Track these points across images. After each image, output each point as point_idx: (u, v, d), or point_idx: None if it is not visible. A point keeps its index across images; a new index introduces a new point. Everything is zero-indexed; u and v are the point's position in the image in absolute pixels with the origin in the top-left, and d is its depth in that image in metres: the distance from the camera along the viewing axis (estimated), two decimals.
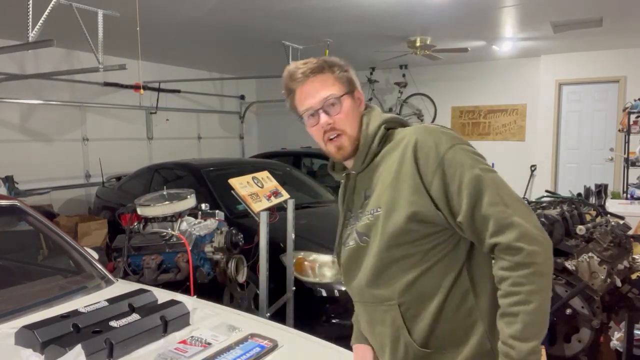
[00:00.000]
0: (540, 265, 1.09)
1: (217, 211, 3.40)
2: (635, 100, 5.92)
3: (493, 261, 1.18)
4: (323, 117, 1.29)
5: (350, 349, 1.62)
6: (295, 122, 1.37)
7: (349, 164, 1.37)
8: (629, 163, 5.93)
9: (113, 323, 1.64)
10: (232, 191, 2.89)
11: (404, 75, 8.64)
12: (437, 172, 1.17)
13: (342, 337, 1.54)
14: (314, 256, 3.54)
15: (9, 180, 5.69)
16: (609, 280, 2.49)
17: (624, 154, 6.12)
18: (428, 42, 6.24)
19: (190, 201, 3.25)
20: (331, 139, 1.31)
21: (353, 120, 1.32)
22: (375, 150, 1.31)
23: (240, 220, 3.86)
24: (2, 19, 5.07)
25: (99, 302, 1.81)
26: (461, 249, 1.21)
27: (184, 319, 1.81)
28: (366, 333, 1.39)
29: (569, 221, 2.79)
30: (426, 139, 1.21)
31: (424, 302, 1.21)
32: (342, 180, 1.45)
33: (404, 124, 1.35)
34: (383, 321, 1.28)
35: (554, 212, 2.78)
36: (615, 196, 5.70)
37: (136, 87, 7.11)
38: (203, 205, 3.41)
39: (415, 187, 1.19)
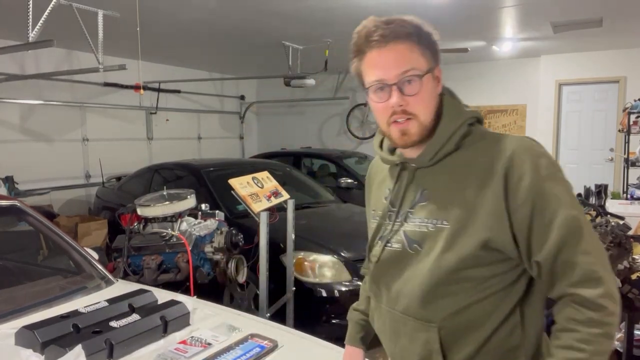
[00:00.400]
0: (612, 327, 0.99)
1: (217, 211, 3.40)
2: (635, 100, 5.92)
3: (559, 306, 1.04)
4: (395, 96, 1.07)
5: None
6: (295, 122, 1.31)
7: (408, 151, 1.17)
8: (629, 163, 5.93)
9: (113, 323, 1.64)
10: (232, 191, 2.89)
11: None
12: (528, 200, 1.02)
13: (342, 338, 1.54)
14: (314, 256, 3.54)
15: (9, 181, 5.69)
16: None
17: (624, 154, 6.12)
18: None
19: (190, 201, 3.25)
20: (397, 122, 1.11)
21: (429, 104, 1.11)
22: (450, 149, 1.12)
23: (240, 220, 3.86)
24: (2, 19, 5.07)
25: (99, 303, 1.81)
26: (520, 284, 1.10)
27: (184, 319, 1.81)
28: (385, 339, 1.28)
29: None
30: (524, 158, 1.04)
31: (469, 331, 1.10)
32: (388, 165, 1.26)
33: (480, 120, 1.17)
34: (413, 338, 1.15)
35: None
36: (615, 196, 5.70)
37: (136, 87, 7.11)
38: (203, 206, 3.41)
39: (497, 210, 1.04)
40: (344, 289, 3.41)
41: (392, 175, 1.24)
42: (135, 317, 1.70)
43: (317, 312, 3.46)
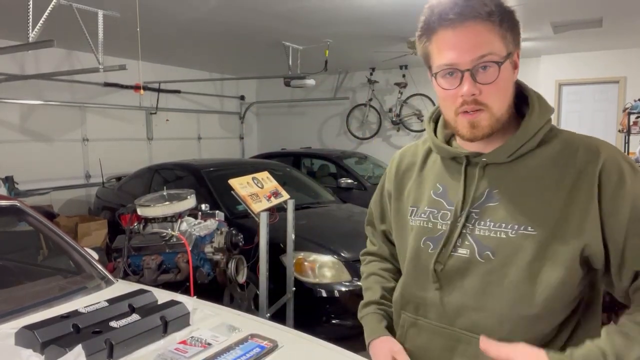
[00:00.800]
0: None
1: (217, 211, 3.40)
2: (635, 101, 5.92)
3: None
4: (467, 84, 0.95)
5: (351, 349, 1.62)
6: (295, 122, 1.23)
7: (472, 145, 1.05)
8: None
9: (113, 323, 1.64)
10: (232, 191, 2.89)
11: (404, 76, 8.64)
12: (627, 205, 0.94)
13: (342, 337, 1.53)
14: (314, 256, 3.54)
15: (9, 181, 5.69)
16: None
17: None
18: None
19: (190, 201, 3.25)
20: (466, 112, 0.98)
21: (504, 94, 0.99)
22: (532, 146, 1.00)
23: (240, 220, 3.86)
24: (2, 19, 5.07)
25: (99, 303, 1.81)
26: (587, 295, 1.05)
27: (184, 320, 1.81)
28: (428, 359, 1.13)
29: None
30: (618, 161, 0.97)
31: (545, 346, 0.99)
32: (442, 156, 1.12)
33: None
34: (478, 359, 1.01)
35: None
36: None
37: (136, 88, 7.12)
38: (203, 206, 3.41)
39: (591, 215, 0.94)
40: (344, 289, 3.41)
41: (450, 169, 1.10)
42: (135, 317, 1.70)
43: (317, 312, 3.46)
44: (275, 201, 3.10)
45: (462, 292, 1.04)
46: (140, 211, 3.13)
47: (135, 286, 2.20)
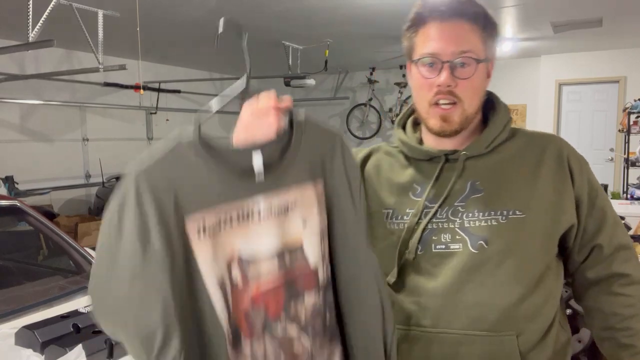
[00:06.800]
0: None
1: None
2: (635, 101, 5.92)
3: (606, 296, 1.05)
4: (446, 73, 0.98)
5: None
6: None
7: (439, 142, 1.08)
8: (629, 163, 5.92)
9: None
10: None
11: (404, 76, 8.63)
12: (586, 186, 1.05)
13: None
14: None
15: (9, 181, 5.69)
16: None
17: (624, 154, 6.12)
18: None
19: None
20: (440, 104, 1.01)
21: (477, 93, 1.03)
22: (504, 138, 1.06)
23: None
24: (2, 19, 5.07)
25: None
26: (559, 269, 1.11)
27: None
28: None
29: None
30: (574, 150, 1.08)
31: (539, 330, 1.02)
32: (419, 158, 1.10)
33: None
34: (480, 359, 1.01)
35: None
36: (615, 196, 5.69)
37: (136, 88, 7.11)
38: None
39: (569, 196, 1.03)
40: None
41: (424, 169, 1.09)
42: None
43: None
44: None
45: (459, 289, 1.00)
46: None
47: None
